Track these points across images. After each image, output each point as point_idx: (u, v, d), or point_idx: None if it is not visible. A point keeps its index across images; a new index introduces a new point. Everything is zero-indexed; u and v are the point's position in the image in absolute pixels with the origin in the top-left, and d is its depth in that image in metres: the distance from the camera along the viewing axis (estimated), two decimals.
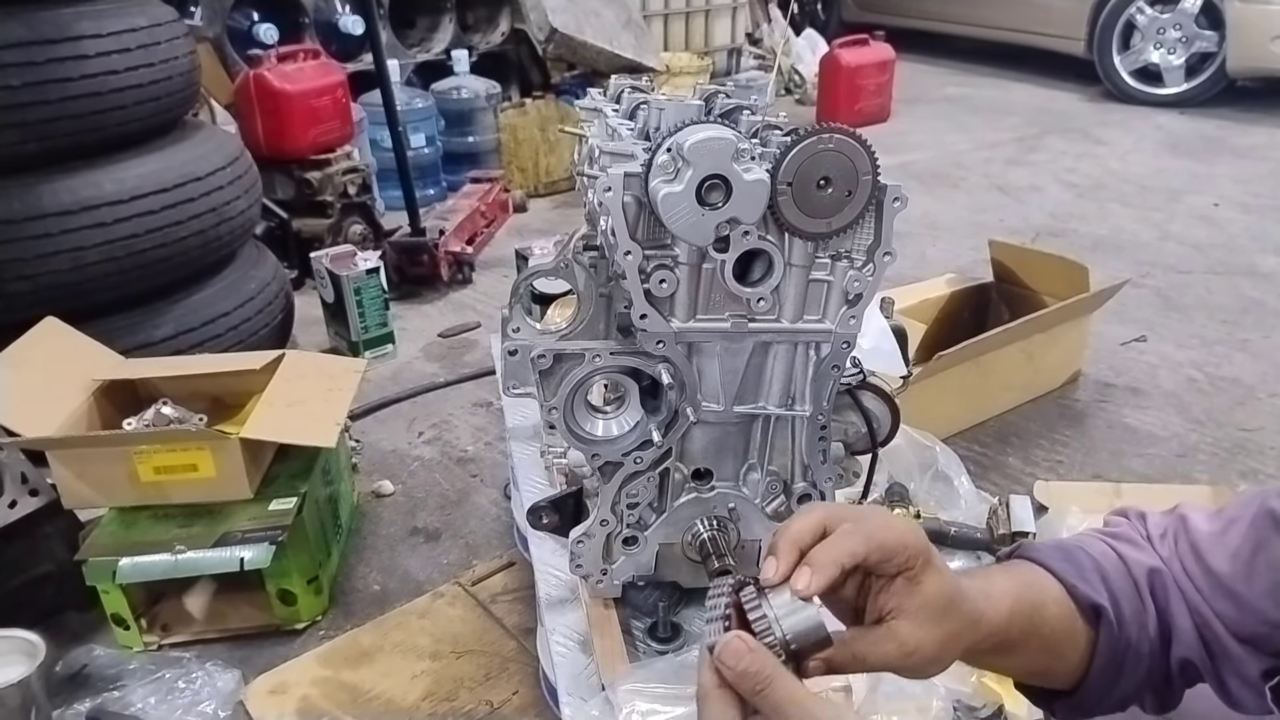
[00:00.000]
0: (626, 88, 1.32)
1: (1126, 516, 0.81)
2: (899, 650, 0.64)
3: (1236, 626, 0.71)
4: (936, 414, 2.07)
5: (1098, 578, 0.74)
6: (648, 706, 1.00)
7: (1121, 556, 0.76)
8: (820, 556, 0.63)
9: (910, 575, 0.64)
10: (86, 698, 1.54)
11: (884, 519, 0.66)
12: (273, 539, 1.60)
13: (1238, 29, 4.90)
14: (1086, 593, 0.73)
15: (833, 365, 1.00)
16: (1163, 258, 3.31)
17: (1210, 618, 0.72)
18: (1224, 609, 0.71)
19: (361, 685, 1.60)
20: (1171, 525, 0.77)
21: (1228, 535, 0.73)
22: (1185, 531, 0.75)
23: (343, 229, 3.29)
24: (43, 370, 1.80)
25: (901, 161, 4.45)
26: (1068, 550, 0.76)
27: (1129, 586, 0.74)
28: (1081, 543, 0.78)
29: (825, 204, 0.88)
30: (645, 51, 4.51)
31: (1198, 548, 0.74)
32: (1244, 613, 0.71)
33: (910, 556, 0.64)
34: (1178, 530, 0.76)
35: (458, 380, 2.61)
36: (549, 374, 1.03)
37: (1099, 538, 0.79)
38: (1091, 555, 0.76)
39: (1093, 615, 0.73)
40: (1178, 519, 0.77)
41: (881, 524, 0.65)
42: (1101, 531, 0.81)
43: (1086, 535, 0.80)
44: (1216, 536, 0.73)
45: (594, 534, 1.10)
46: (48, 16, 1.97)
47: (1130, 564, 0.75)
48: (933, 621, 0.65)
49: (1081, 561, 0.75)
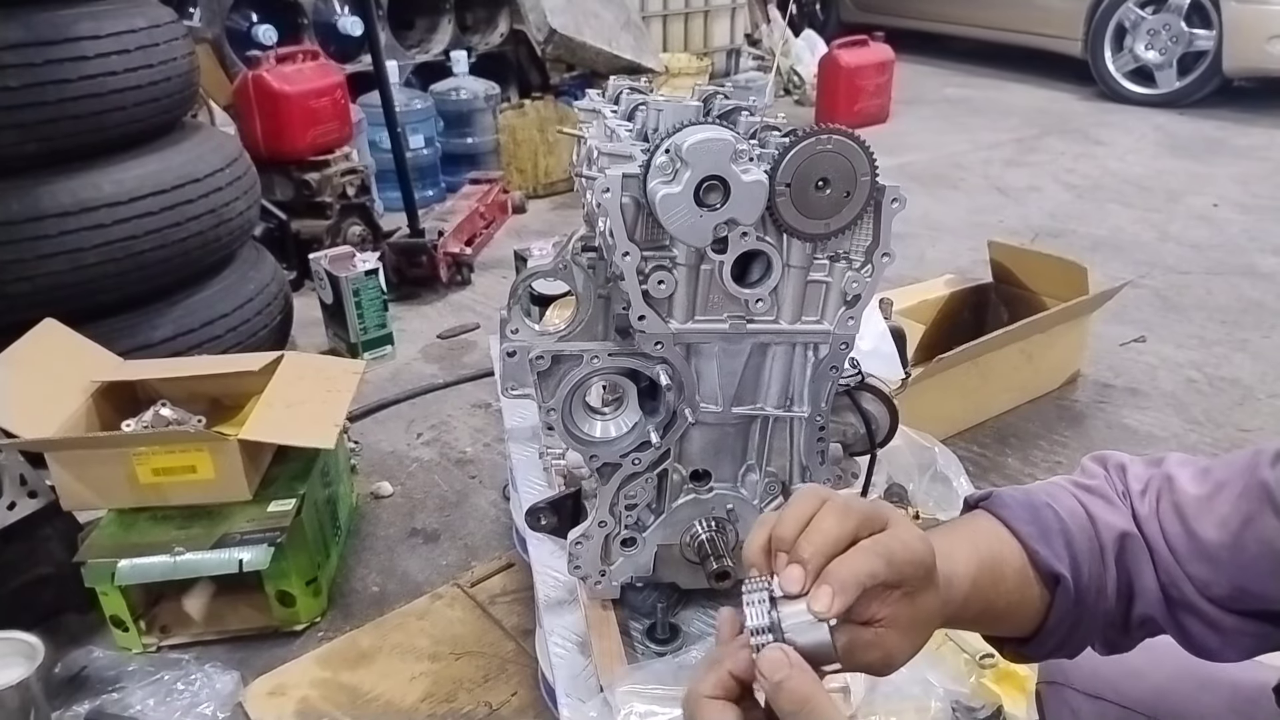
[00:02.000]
0: (625, 89, 1.32)
1: (1105, 467, 0.78)
2: (883, 659, 0.63)
3: (1208, 589, 0.70)
4: (935, 415, 2.07)
5: (1061, 542, 0.72)
6: (646, 708, 1.00)
7: (1091, 516, 0.74)
8: (843, 575, 0.58)
9: (910, 591, 0.63)
10: (85, 699, 1.54)
11: (905, 535, 0.62)
12: (271, 540, 1.60)
13: (1234, 29, 4.90)
14: (1047, 559, 0.70)
15: (831, 366, 1.00)
16: (1162, 258, 3.32)
17: (1180, 578, 0.71)
18: (1199, 572, 0.70)
19: (360, 686, 1.60)
20: (1155, 481, 0.75)
21: (1216, 501, 0.71)
22: (1170, 491, 0.73)
23: (341, 230, 3.29)
24: (42, 372, 1.80)
25: (900, 162, 4.45)
26: (1035, 508, 0.74)
27: (1093, 549, 0.72)
28: (1052, 496, 0.75)
29: (823, 205, 0.88)
30: (644, 52, 4.51)
31: (1183, 511, 0.72)
32: (1220, 578, 0.69)
33: (919, 576, 0.63)
34: (1161, 488, 0.74)
35: (456, 381, 2.61)
36: (547, 375, 1.03)
37: (1071, 491, 0.76)
38: (1059, 514, 0.73)
39: (1051, 581, 0.71)
40: (1163, 477, 0.75)
41: (903, 543, 0.62)
42: (1076, 482, 0.78)
43: (1058, 487, 0.77)
44: (1204, 501, 0.71)
45: (592, 535, 1.10)
46: (47, 18, 1.97)
47: (1099, 525, 0.73)
48: (918, 631, 0.64)
49: (1047, 522, 0.72)
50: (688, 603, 1.19)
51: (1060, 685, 1.01)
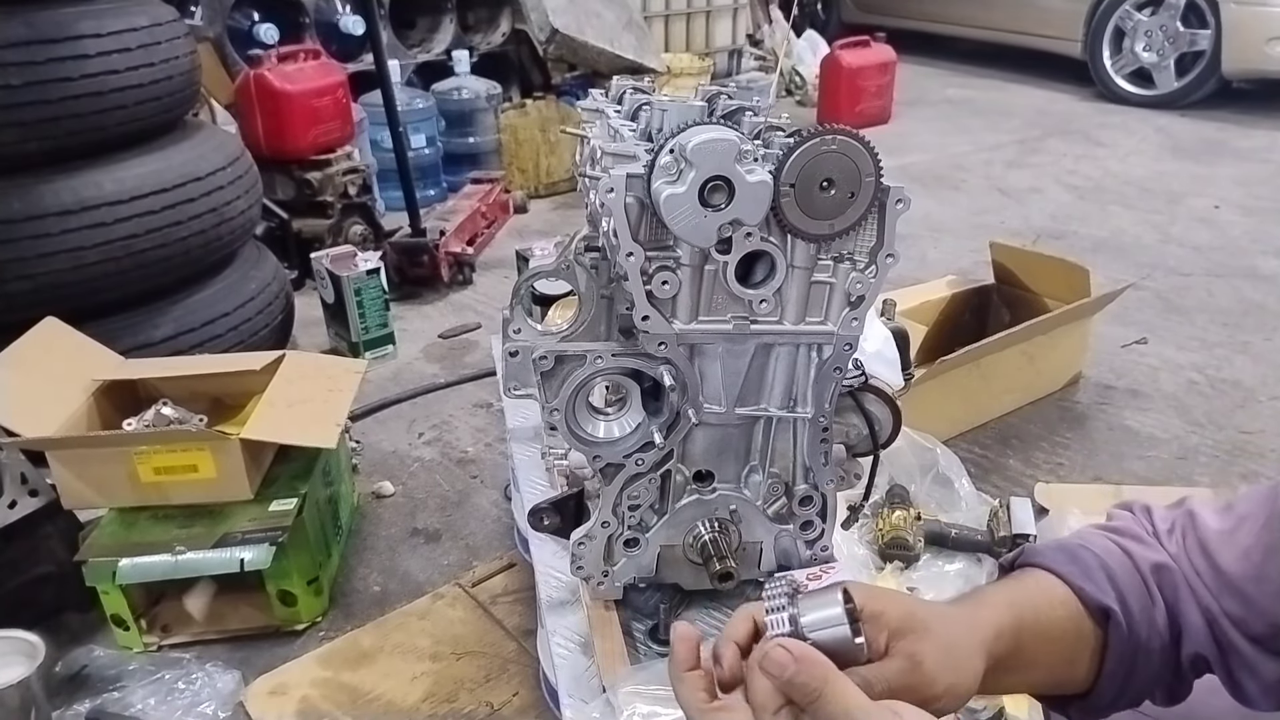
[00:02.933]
0: (628, 89, 1.31)
1: (1131, 510, 0.79)
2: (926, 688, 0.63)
3: (1245, 626, 0.70)
4: (937, 416, 2.07)
5: (1104, 576, 0.72)
6: (649, 708, 0.99)
7: (1127, 553, 0.74)
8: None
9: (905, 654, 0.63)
10: (86, 698, 1.54)
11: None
12: (273, 540, 1.59)
13: (1233, 30, 4.90)
14: (1094, 594, 0.71)
15: (835, 367, 0.99)
16: (1163, 260, 3.31)
17: (1219, 615, 0.70)
18: (1232, 608, 0.70)
19: (361, 686, 1.60)
20: (1179, 520, 0.75)
21: (1238, 534, 0.71)
22: (1194, 528, 0.73)
23: (343, 229, 3.29)
24: (43, 370, 1.79)
25: (902, 163, 4.45)
26: (1071, 551, 0.74)
27: (1137, 583, 0.72)
28: (1085, 540, 0.76)
29: (828, 205, 0.88)
30: (646, 52, 4.51)
31: (1206, 546, 0.72)
32: (1252, 613, 0.69)
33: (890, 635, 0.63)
34: (1186, 526, 0.74)
35: (458, 381, 2.61)
36: (550, 375, 1.03)
37: (1103, 534, 0.77)
38: (1096, 554, 0.74)
39: (1101, 617, 0.71)
40: (1186, 514, 0.75)
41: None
42: (1105, 527, 0.78)
43: (1089, 531, 0.78)
44: (1226, 535, 0.71)
45: (595, 536, 1.10)
46: (48, 16, 1.97)
47: (1137, 560, 0.73)
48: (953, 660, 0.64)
49: (1086, 561, 0.73)
50: (690, 604, 1.19)
51: None
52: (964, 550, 1.75)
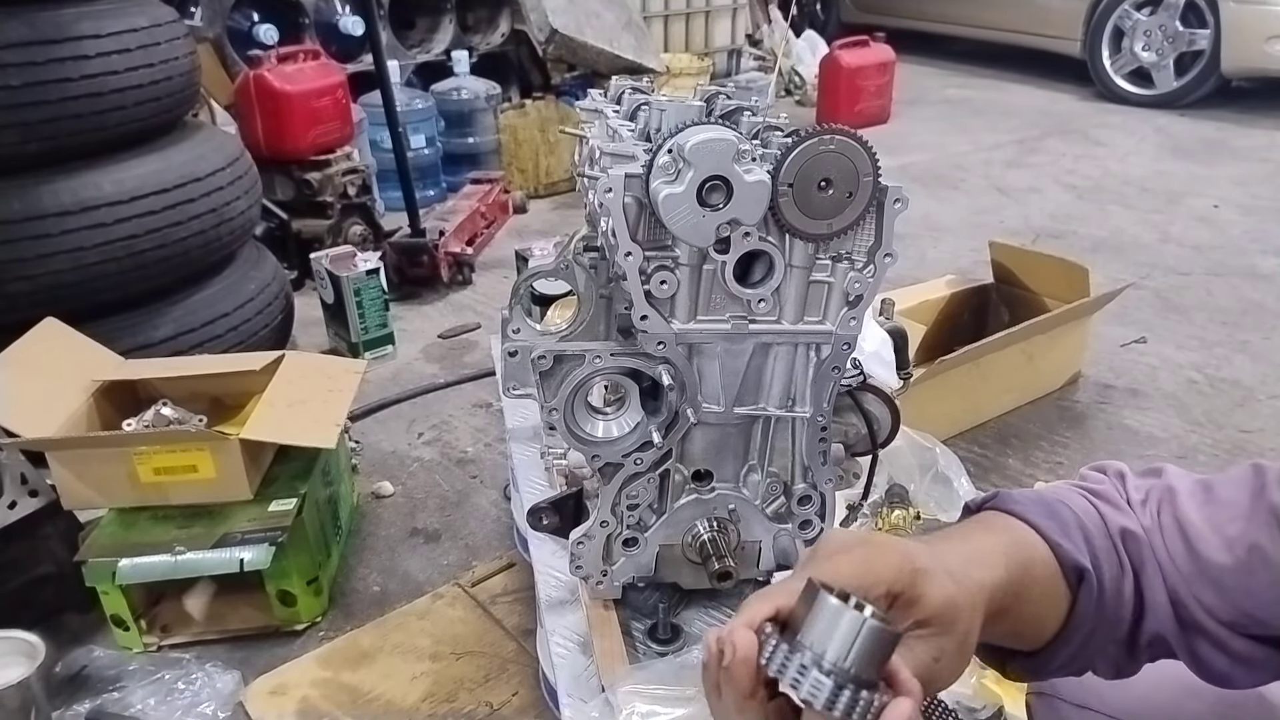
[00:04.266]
0: (627, 89, 1.32)
1: (1105, 473, 0.77)
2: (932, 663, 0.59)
3: (1215, 612, 0.68)
4: (936, 415, 2.07)
5: (1081, 537, 0.69)
6: (647, 708, 1.00)
7: (1102, 516, 0.71)
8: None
9: (906, 600, 0.59)
10: (86, 699, 1.54)
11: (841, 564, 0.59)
12: (272, 540, 1.59)
13: (1232, 30, 4.90)
14: (1071, 553, 0.68)
15: (833, 366, 1.00)
16: (1163, 259, 3.32)
17: (1186, 596, 0.69)
18: (1206, 595, 0.68)
19: (361, 686, 1.60)
20: (1155, 493, 0.73)
21: (1220, 522, 0.69)
22: (1172, 505, 0.71)
23: (343, 230, 3.29)
24: (43, 371, 1.79)
25: (901, 163, 4.45)
26: (1050, 505, 0.71)
27: (1110, 548, 0.70)
28: (1061, 496, 0.73)
29: (826, 205, 0.88)
30: (645, 53, 4.51)
31: (1187, 531, 0.70)
32: (1226, 601, 0.68)
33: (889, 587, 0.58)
34: (1162, 500, 0.72)
35: (458, 381, 2.61)
36: (549, 375, 1.03)
37: (1080, 492, 0.74)
38: (1074, 511, 0.71)
39: (1075, 578, 0.69)
40: (1165, 489, 0.73)
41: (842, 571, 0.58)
42: (1081, 486, 0.76)
43: (1065, 488, 0.75)
44: (1208, 522, 0.69)
45: (594, 535, 1.10)
46: (48, 17, 1.97)
47: (1109, 523, 0.71)
48: (956, 632, 0.60)
49: (1065, 518, 0.70)
50: (689, 603, 1.20)
51: (1049, 696, 1.00)
52: None
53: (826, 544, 0.62)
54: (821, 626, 0.50)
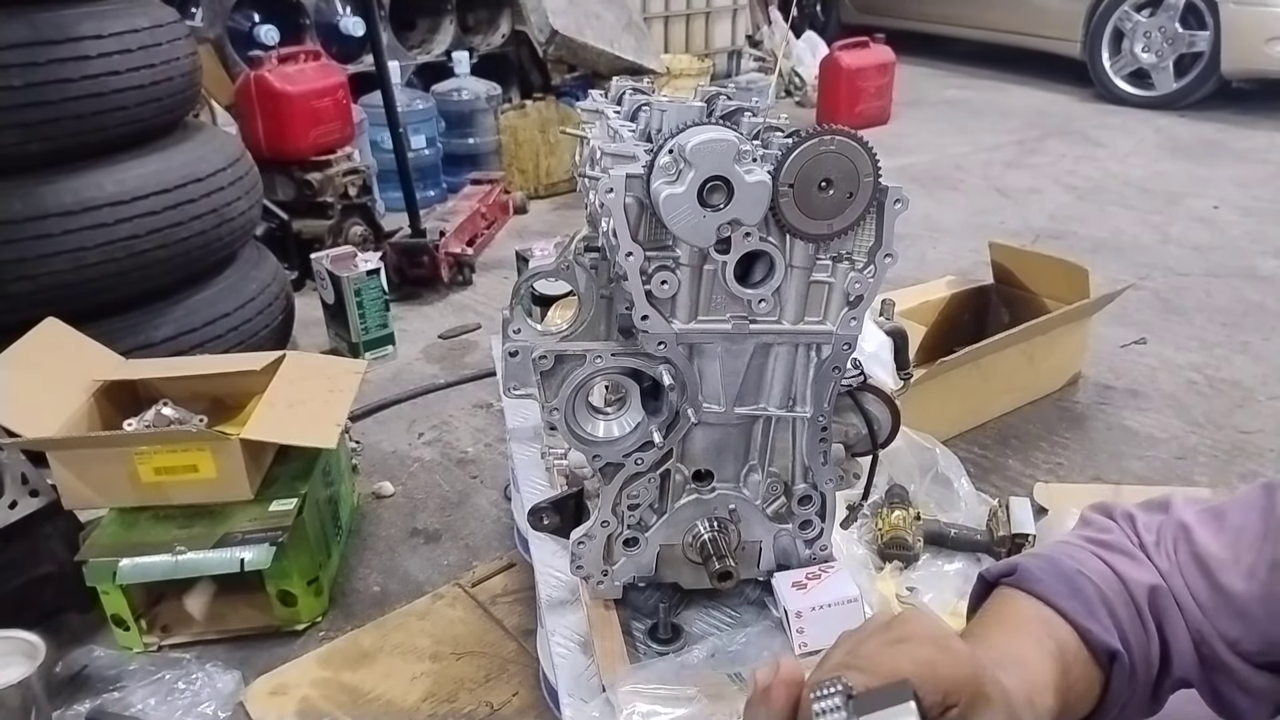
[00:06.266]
0: (628, 89, 1.32)
1: (1112, 517, 0.75)
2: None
3: (1238, 645, 0.67)
4: (937, 416, 2.07)
5: (1105, 613, 0.68)
6: (648, 708, 1.00)
7: (1120, 577, 0.70)
8: None
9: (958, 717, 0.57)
10: (86, 699, 1.54)
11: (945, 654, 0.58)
12: (273, 540, 1.60)
13: (1232, 31, 4.91)
14: (1100, 636, 0.67)
15: (834, 367, 1.00)
16: (1163, 260, 3.32)
17: (1210, 635, 0.68)
18: (1228, 628, 0.67)
19: (361, 686, 1.60)
20: (1169, 531, 0.72)
21: (1238, 549, 0.68)
22: (1188, 541, 0.70)
23: (343, 230, 3.29)
24: (43, 371, 1.80)
25: (901, 164, 4.46)
26: (1071, 580, 0.70)
27: (1133, 617, 0.69)
28: (1078, 562, 0.72)
29: (826, 205, 0.89)
30: (646, 53, 4.51)
31: (1207, 565, 0.69)
32: (1251, 632, 0.67)
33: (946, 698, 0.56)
34: (1178, 538, 0.71)
35: (458, 381, 2.61)
36: (550, 375, 1.03)
37: (1092, 552, 0.73)
38: (1094, 583, 0.70)
39: (1107, 659, 0.68)
40: (1177, 526, 0.72)
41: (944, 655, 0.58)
42: (1091, 540, 0.74)
43: (1078, 549, 0.74)
44: (1227, 550, 0.68)
45: (595, 535, 1.10)
46: (50, 17, 1.97)
47: (1130, 586, 0.70)
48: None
49: (1088, 595, 0.69)
50: (690, 603, 1.19)
51: None
52: (963, 550, 1.75)
53: (901, 624, 0.60)
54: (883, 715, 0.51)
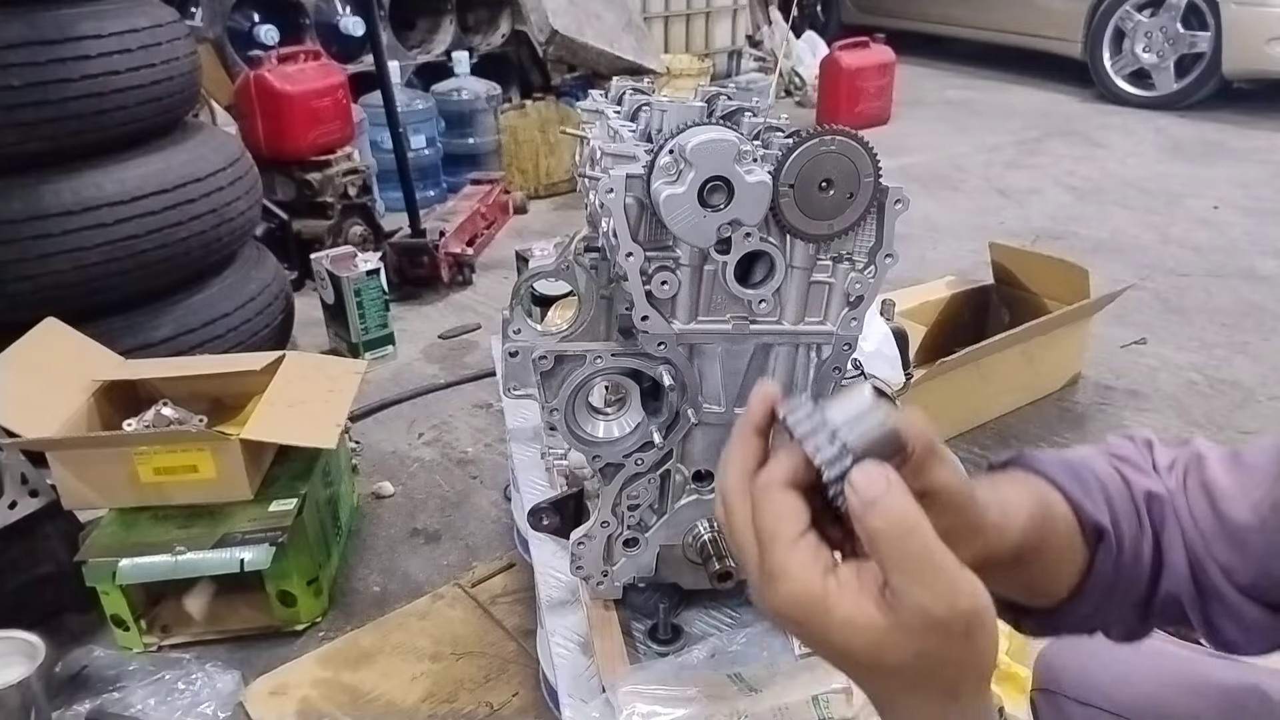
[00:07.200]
0: (628, 89, 1.32)
1: (1133, 440, 0.76)
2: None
3: (1233, 575, 0.67)
4: (937, 416, 2.04)
5: (1102, 498, 0.69)
6: (648, 708, 1.00)
7: (1125, 479, 0.71)
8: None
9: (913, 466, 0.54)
10: (86, 699, 1.54)
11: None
12: (273, 540, 1.59)
13: (1233, 31, 4.91)
14: (1091, 512, 0.67)
15: (834, 367, 1.00)
16: (1163, 261, 3.32)
17: (1206, 560, 0.68)
18: (1226, 557, 0.67)
19: (361, 686, 1.60)
20: (1184, 458, 0.72)
21: (1248, 485, 0.68)
22: (1199, 469, 0.71)
23: (343, 230, 3.29)
24: (43, 371, 1.80)
25: (902, 164, 4.46)
26: (1072, 465, 0.70)
27: (1131, 511, 0.69)
28: (1086, 459, 0.72)
29: (827, 206, 0.88)
30: (646, 53, 4.51)
31: (1212, 491, 0.69)
32: (1246, 563, 0.67)
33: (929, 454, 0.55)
34: (1190, 464, 0.72)
35: (458, 382, 2.61)
36: (550, 375, 1.03)
37: (1104, 457, 0.73)
38: (1097, 474, 0.70)
39: (1095, 537, 0.68)
40: (1193, 455, 0.72)
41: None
42: (1106, 451, 0.75)
43: (1090, 452, 0.74)
44: (1236, 485, 0.68)
45: (595, 535, 1.10)
46: (49, 17, 1.97)
47: (1133, 487, 0.70)
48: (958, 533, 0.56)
49: (1087, 479, 0.69)
50: (690, 603, 1.20)
51: (1054, 693, 1.01)
52: None
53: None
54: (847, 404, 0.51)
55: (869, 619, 0.47)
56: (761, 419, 0.54)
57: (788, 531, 0.49)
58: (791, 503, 0.50)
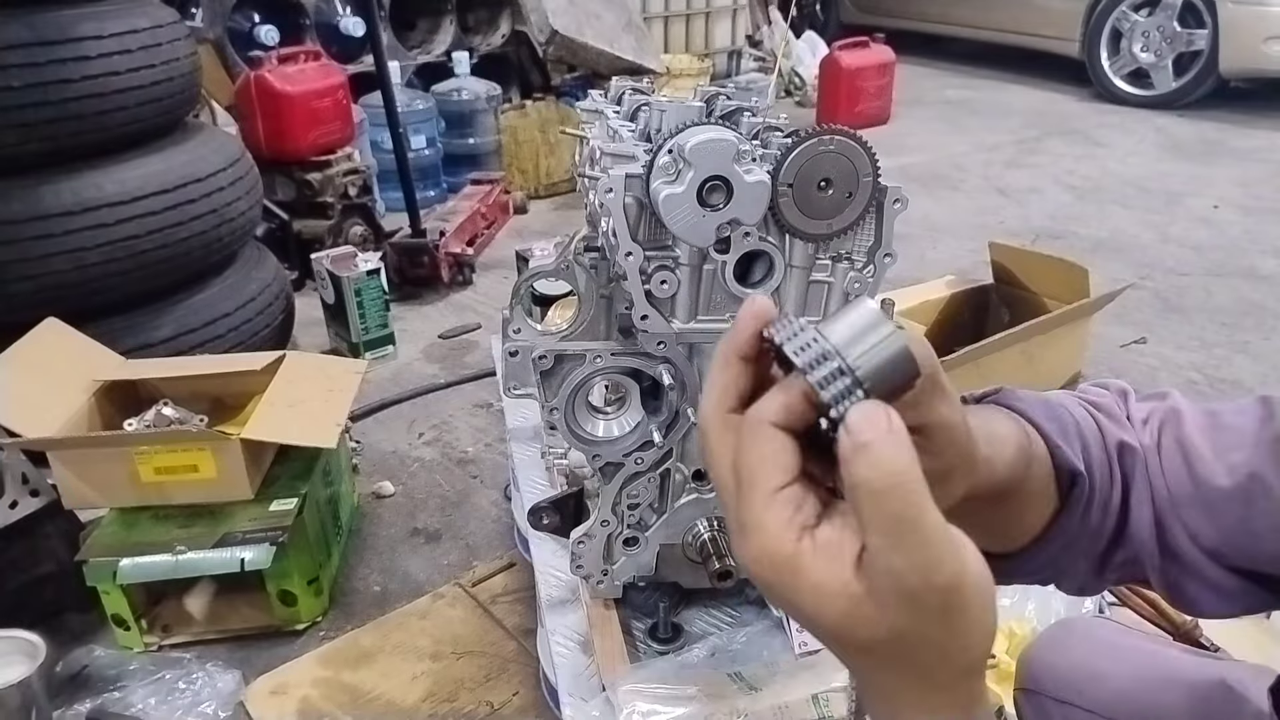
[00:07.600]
0: (628, 89, 1.32)
1: (1108, 388, 0.74)
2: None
3: (1202, 540, 0.66)
4: None
5: (1079, 444, 0.67)
6: (648, 707, 1.00)
7: (1100, 428, 0.69)
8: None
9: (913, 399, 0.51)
10: (87, 698, 1.54)
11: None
12: (273, 540, 1.60)
13: (1230, 30, 4.91)
14: (1068, 456, 0.65)
15: None
16: (1162, 260, 3.32)
17: (1173, 521, 0.66)
18: (1195, 521, 0.66)
19: (362, 686, 1.60)
20: (1160, 413, 0.71)
21: (1223, 447, 0.66)
22: (1176, 425, 0.69)
23: (343, 230, 3.29)
24: (44, 371, 1.80)
25: (901, 164, 4.46)
26: (1052, 407, 0.68)
27: (1105, 460, 0.68)
28: (1063, 401, 0.71)
29: (826, 205, 0.89)
30: (646, 53, 4.51)
31: (1187, 452, 0.67)
32: (1213, 526, 0.65)
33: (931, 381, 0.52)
34: (1166, 420, 0.70)
35: (458, 381, 2.62)
36: (550, 375, 1.03)
37: (1081, 403, 0.71)
38: (1074, 419, 0.68)
39: (1068, 482, 0.66)
40: (1170, 410, 0.70)
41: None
42: (1082, 397, 0.73)
43: (1067, 397, 0.72)
44: (1211, 445, 0.66)
45: (595, 535, 1.10)
46: (50, 18, 1.97)
47: (1107, 436, 0.69)
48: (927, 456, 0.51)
49: (1066, 423, 0.67)
50: (690, 602, 1.20)
51: (1035, 693, 1.02)
52: None
53: None
54: (850, 322, 0.44)
55: (841, 585, 0.42)
56: (748, 343, 0.47)
57: (768, 482, 0.44)
58: (778, 448, 0.44)
